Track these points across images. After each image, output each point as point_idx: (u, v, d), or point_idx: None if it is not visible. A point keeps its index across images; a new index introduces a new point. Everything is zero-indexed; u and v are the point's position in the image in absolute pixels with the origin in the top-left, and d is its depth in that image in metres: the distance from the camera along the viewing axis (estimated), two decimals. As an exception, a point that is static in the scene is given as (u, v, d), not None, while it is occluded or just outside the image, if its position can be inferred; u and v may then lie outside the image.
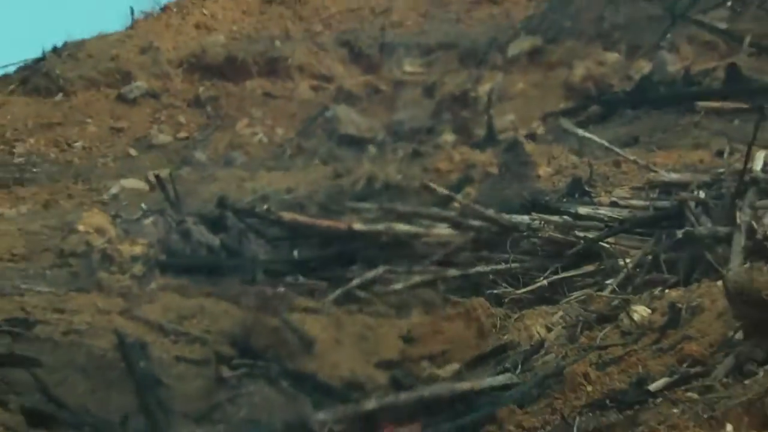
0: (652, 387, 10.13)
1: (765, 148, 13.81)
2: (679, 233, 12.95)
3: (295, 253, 14.71)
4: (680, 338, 10.87)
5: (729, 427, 8.56)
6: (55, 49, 21.88)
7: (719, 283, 11.10)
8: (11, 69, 22.05)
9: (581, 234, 13.79)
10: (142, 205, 16.27)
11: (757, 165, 13.36)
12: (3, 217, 16.67)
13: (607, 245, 13.58)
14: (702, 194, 13.46)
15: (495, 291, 13.62)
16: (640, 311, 11.84)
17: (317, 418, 11.42)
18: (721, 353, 10.18)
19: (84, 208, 16.33)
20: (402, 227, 14.65)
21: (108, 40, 22.28)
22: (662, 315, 11.49)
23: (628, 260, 13.11)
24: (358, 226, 14.73)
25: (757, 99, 15.93)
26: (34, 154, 19.35)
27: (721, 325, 10.56)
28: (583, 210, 14.13)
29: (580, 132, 16.60)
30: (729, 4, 19.11)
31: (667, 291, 12.03)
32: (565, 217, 14.09)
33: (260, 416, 11.96)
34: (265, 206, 15.43)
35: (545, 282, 13.49)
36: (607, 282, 12.96)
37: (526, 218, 14.22)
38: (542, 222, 14.10)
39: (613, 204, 14.29)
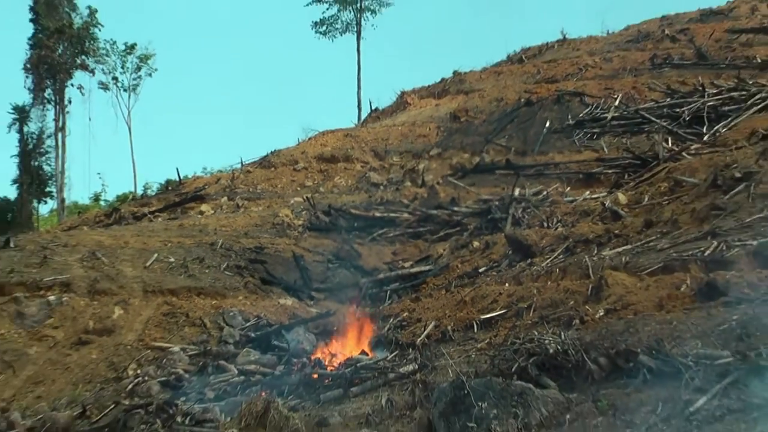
0: (480, 270, 10.02)
1: (518, 187, 13.57)
2: (489, 217, 12.84)
3: (355, 224, 14.53)
4: (486, 253, 10.72)
5: (506, 285, 8.41)
6: (271, 152, 21.77)
7: (503, 234, 11.00)
8: (255, 159, 22.02)
9: (457, 217, 13.63)
10: (302, 206, 16.12)
11: (516, 192, 13.19)
12: (252, 210, 16.51)
13: (464, 221, 13.46)
14: (497, 203, 13.29)
15: (426, 237, 13.46)
16: (476, 244, 11.70)
17: (362, 281, 11.31)
18: (504, 258, 10.05)
19: (281, 207, 16.17)
20: (392, 214, 14.47)
21: (288, 149, 22.03)
22: (482, 245, 11.35)
23: (471, 226, 12.99)
24: (377, 214, 14.58)
25: (517, 170, 15.75)
26: (264, 189, 19.19)
27: (504, 250, 10.44)
28: (456, 208, 13.96)
29: (456, 182, 16.40)
30: (506, 136, 18.86)
31: (485, 237, 11.90)
32: (449, 211, 13.93)
33: (341, 281, 11.86)
34: (344, 207, 15.25)
35: (443, 233, 13.37)
36: (464, 233, 12.84)
37: (436, 211, 14.07)
38: (442, 212, 13.96)
39: (466, 207, 14.11)
